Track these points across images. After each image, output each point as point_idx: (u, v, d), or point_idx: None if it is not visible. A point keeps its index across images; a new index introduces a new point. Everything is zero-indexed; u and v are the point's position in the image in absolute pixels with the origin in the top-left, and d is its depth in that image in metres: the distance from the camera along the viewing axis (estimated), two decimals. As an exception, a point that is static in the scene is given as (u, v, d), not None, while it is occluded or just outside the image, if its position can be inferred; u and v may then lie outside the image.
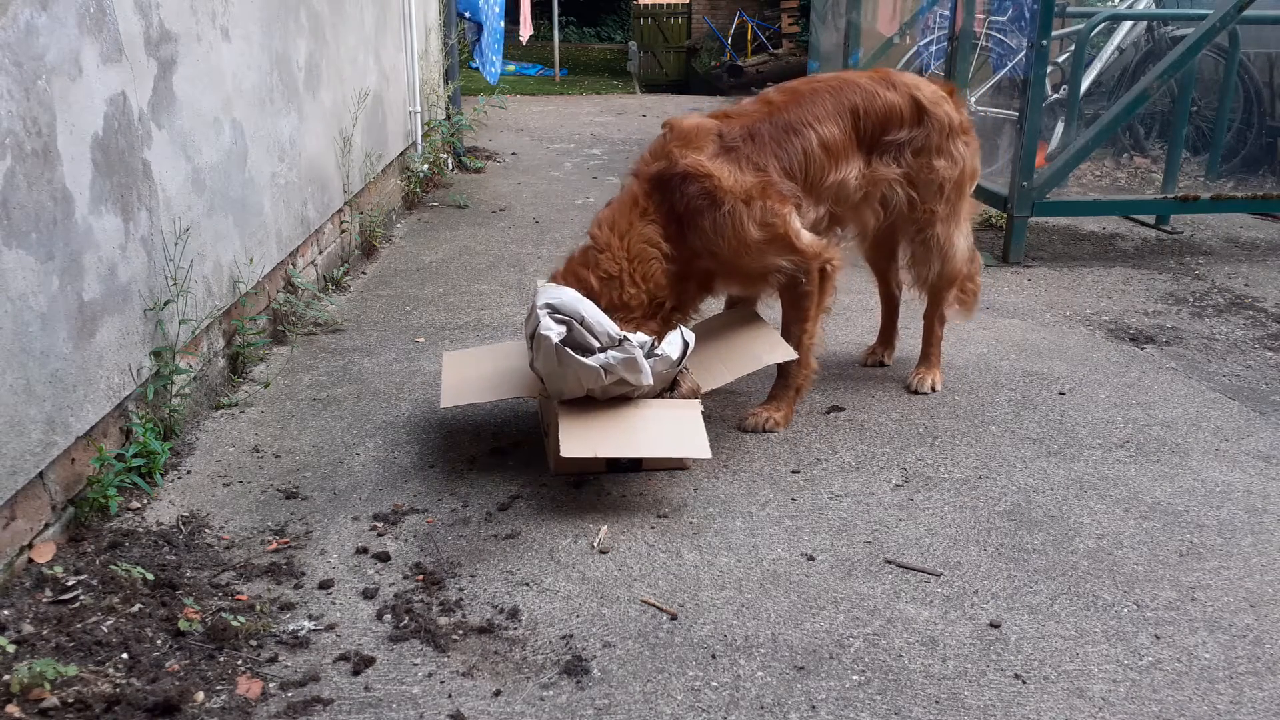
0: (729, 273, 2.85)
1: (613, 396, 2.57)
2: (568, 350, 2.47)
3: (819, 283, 2.87)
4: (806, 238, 2.80)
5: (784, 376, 2.97)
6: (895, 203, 3.02)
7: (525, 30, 12.03)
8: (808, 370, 2.97)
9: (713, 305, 3.21)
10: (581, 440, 2.48)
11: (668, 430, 2.56)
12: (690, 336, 2.69)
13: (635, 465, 2.68)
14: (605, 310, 2.62)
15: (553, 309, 2.54)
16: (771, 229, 2.73)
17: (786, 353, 2.85)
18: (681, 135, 2.79)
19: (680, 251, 2.74)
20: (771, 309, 3.11)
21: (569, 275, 2.75)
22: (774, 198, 2.74)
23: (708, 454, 2.51)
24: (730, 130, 2.78)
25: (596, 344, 2.52)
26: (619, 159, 7.62)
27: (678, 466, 2.70)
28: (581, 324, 2.52)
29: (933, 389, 3.24)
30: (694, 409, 2.63)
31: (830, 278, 2.90)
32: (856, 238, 3.26)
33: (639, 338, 2.58)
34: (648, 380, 2.56)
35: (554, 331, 2.49)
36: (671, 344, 2.64)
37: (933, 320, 3.30)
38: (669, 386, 2.70)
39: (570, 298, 2.56)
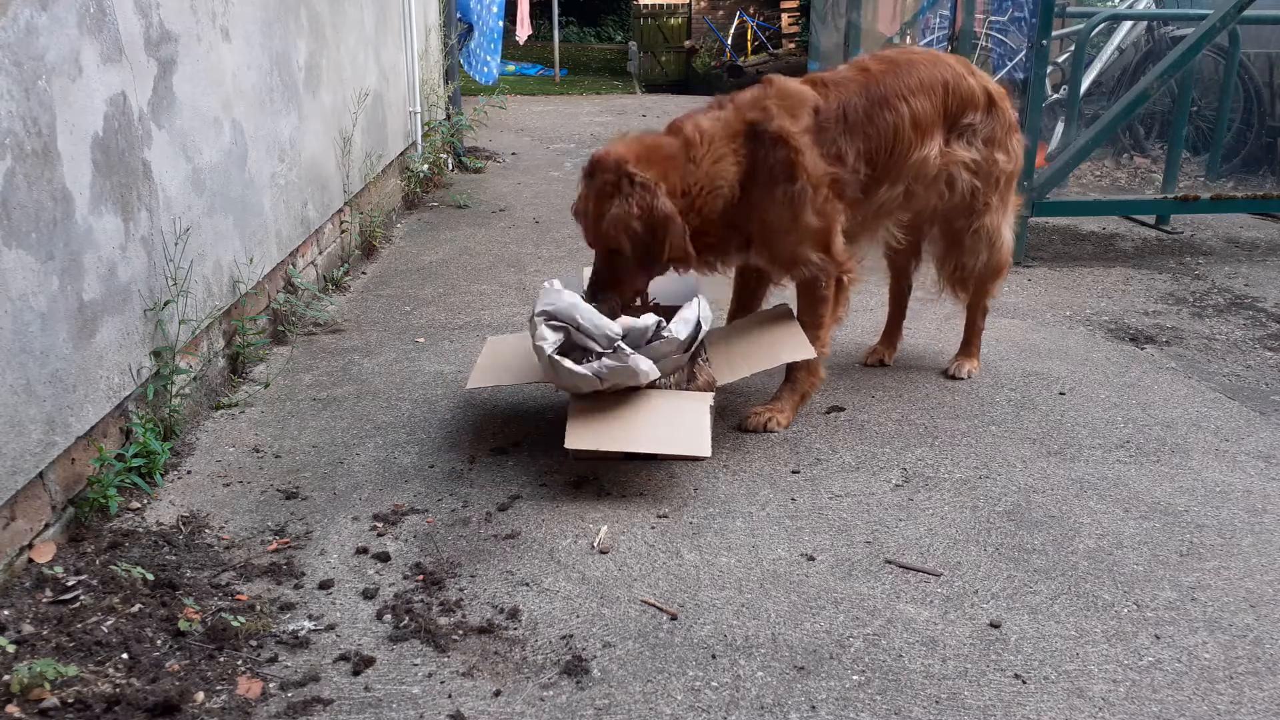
0: (766, 244, 2.87)
1: (622, 389, 2.63)
2: (561, 361, 2.53)
3: (835, 291, 2.92)
4: (840, 243, 2.88)
5: (791, 380, 2.98)
6: (960, 188, 3.05)
7: (523, 30, 12.03)
8: (815, 377, 2.99)
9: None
10: (586, 434, 2.55)
11: (672, 427, 2.58)
12: (707, 313, 2.71)
13: (650, 455, 2.69)
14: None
15: (549, 315, 2.60)
16: (824, 220, 2.81)
17: (807, 351, 2.84)
18: (783, 94, 2.81)
19: (742, 201, 2.77)
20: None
21: (648, 156, 2.67)
22: (836, 193, 2.82)
23: (707, 453, 2.53)
24: (826, 107, 2.81)
25: (597, 346, 2.57)
26: (619, 159, 7.61)
27: (692, 459, 2.71)
28: (578, 329, 2.57)
29: (969, 375, 3.34)
30: (703, 404, 2.65)
31: (845, 289, 2.96)
32: (907, 226, 3.23)
33: (647, 320, 2.62)
34: (650, 378, 2.59)
35: (549, 341, 2.55)
36: (681, 324, 2.66)
37: (975, 311, 3.37)
38: (688, 378, 2.74)
39: (565, 303, 2.61)
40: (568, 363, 2.53)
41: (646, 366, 2.57)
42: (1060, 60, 6.43)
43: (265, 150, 3.46)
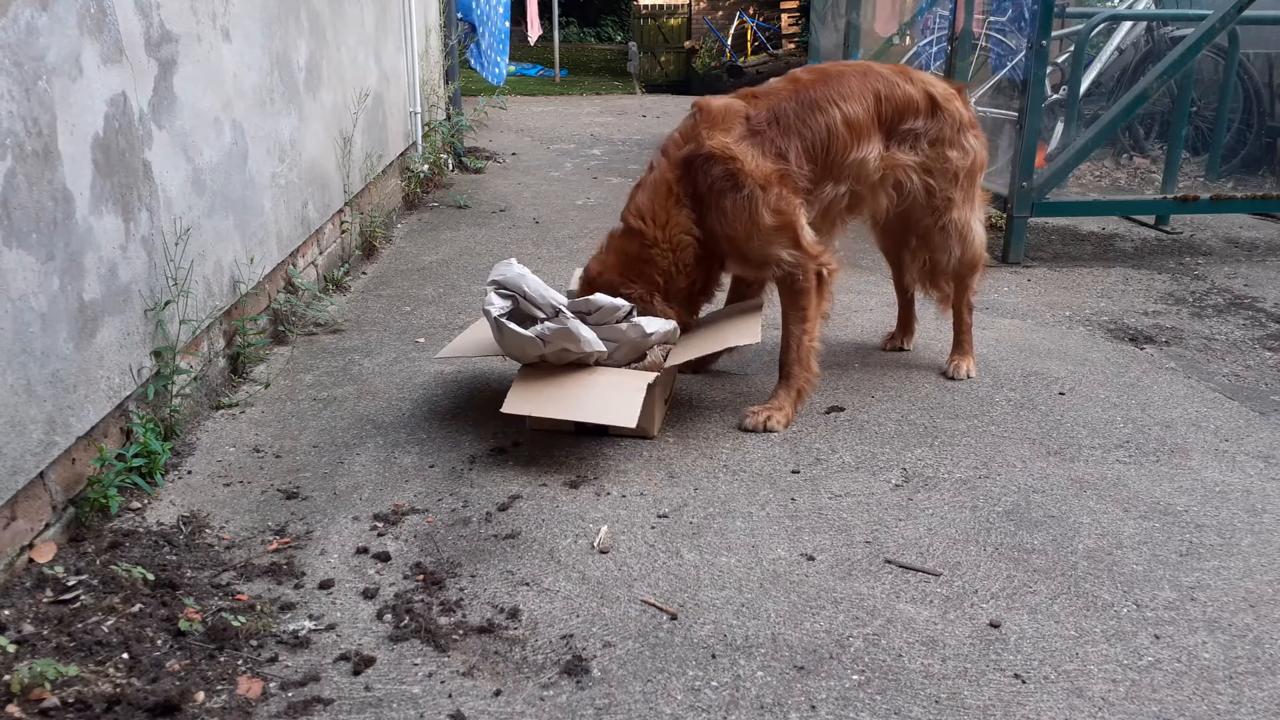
0: (736, 253, 2.97)
1: (568, 362, 2.76)
2: (507, 322, 2.69)
3: (816, 286, 2.96)
4: (809, 235, 2.92)
5: (786, 378, 2.99)
6: (910, 189, 3.13)
7: (533, 31, 12.00)
8: (809, 374, 2.99)
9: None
10: (524, 402, 2.68)
11: (605, 398, 2.69)
12: (672, 322, 2.91)
13: (602, 428, 2.83)
14: (668, 300, 2.92)
15: (498, 285, 2.78)
16: (783, 216, 2.85)
17: (752, 336, 2.94)
18: (710, 117, 2.92)
19: (704, 233, 2.92)
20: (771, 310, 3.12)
21: (628, 270, 2.94)
22: (789, 187, 2.87)
23: (632, 424, 2.62)
24: (757, 113, 2.91)
25: (542, 315, 2.73)
26: (619, 159, 7.63)
27: (641, 434, 2.83)
28: (524, 298, 2.73)
29: (968, 375, 3.36)
30: (641, 380, 2.74)
31: (827, 282, 3.00)
32: (870, 222, 3.37)
33: (614, 301, 2.79)
34: (592, 347, 2.71)
35: (495, 306, 2.73)
36: (650, 319, 2.83)
37: (961, 308, 3.40)
38: (639, 357, 2.86)
39: (514, 273, 2.79)
40: (513, 325, 2.67)
41: (587, 334, 2.70)
42: (1060, 60, 6.43)
43: (266, 150, 3.46)
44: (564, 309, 2.71)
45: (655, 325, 2.83)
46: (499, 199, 6.14)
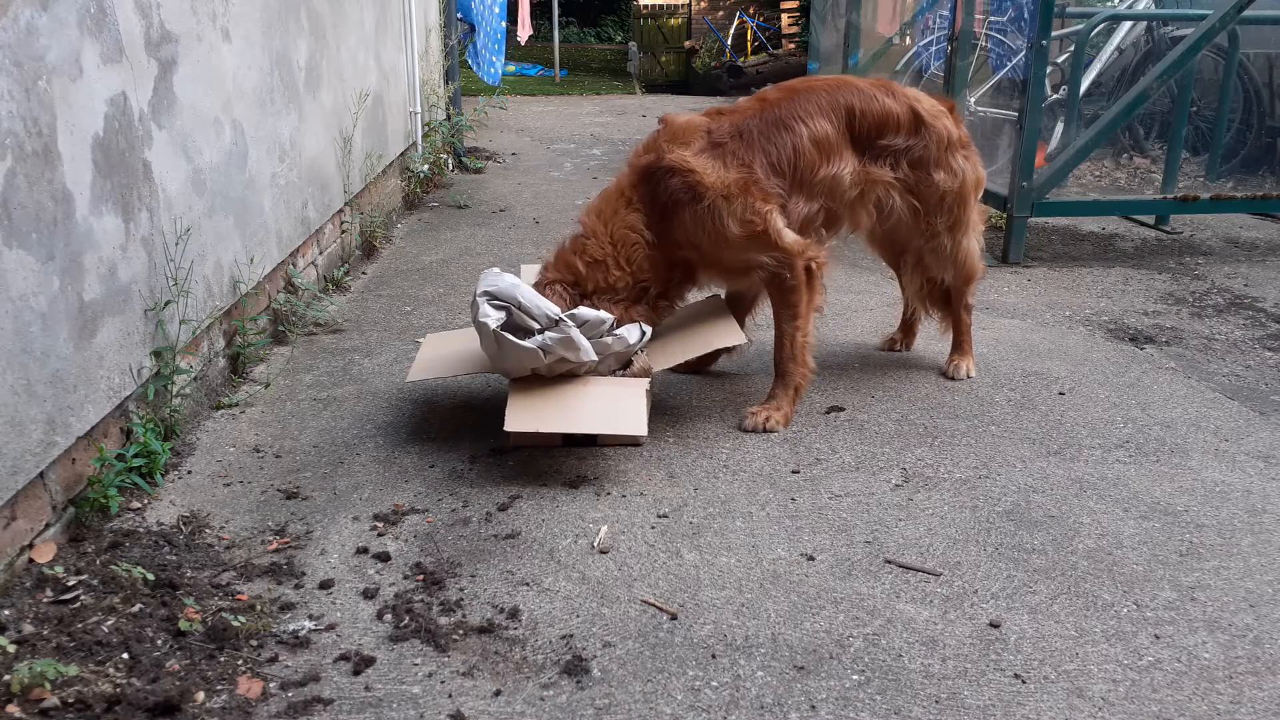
0: (710, 264, 2.95)
1: (559, 374, 2.73)
2: (506, 335, 2.61)
3: (806, 281, 2.92)
4: (789, 236, 2.87)
5: (782, 376, 2.99)
6: (892, 207, 3.09)
7: (524, 31, 12.05)
8: (805, 370, 2.99)
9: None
10: (526, 416, 2.64)
11: (609, 408, 2.69)
12: (648, 329, 2.90)
13: (590, 439, 2.79)
14: (593, 293, 2.84)
15: (490, 296, 2.70)
16: (750, 226, 2.81)
17: (737, 337, 2.99)
18: (672, 131, 2.93)
19: (663, 240, 2.88)
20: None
21: (559, 262, 2.93)
22: (756, 195, 2.82)
23: (643, 432, 2.63)
24: (719, 127, 2.89)
25: (536, 325, 2.66)
26: (619, 159, 7.62)
27: (630, 442, 2.80)
28: (519, 308, 2.67)
29: (968, 375, 3.36)
30: (639, 387, 2.75)
31: (816, 276, 2.97)
32: (864, 237, 3.36)
33: (599, 315, 2.74)
34: (589, 356, 2.69)
35: (492, 318, 2.65)
36: (630, 329, 2.82)
37: (959, 310, 3.39)
38: (623, 365, 2.86)
39: (507, 284, 2.71)
40: (512, 338, 2.62)
41: (586, 343, 2.67)
42: (1060, 60, 6.43)
43: (266, 150, 3.46)
44: (564, 318, 2.67)
45: (635, 334, 2.82)
46: (499, 199, 6.14)
